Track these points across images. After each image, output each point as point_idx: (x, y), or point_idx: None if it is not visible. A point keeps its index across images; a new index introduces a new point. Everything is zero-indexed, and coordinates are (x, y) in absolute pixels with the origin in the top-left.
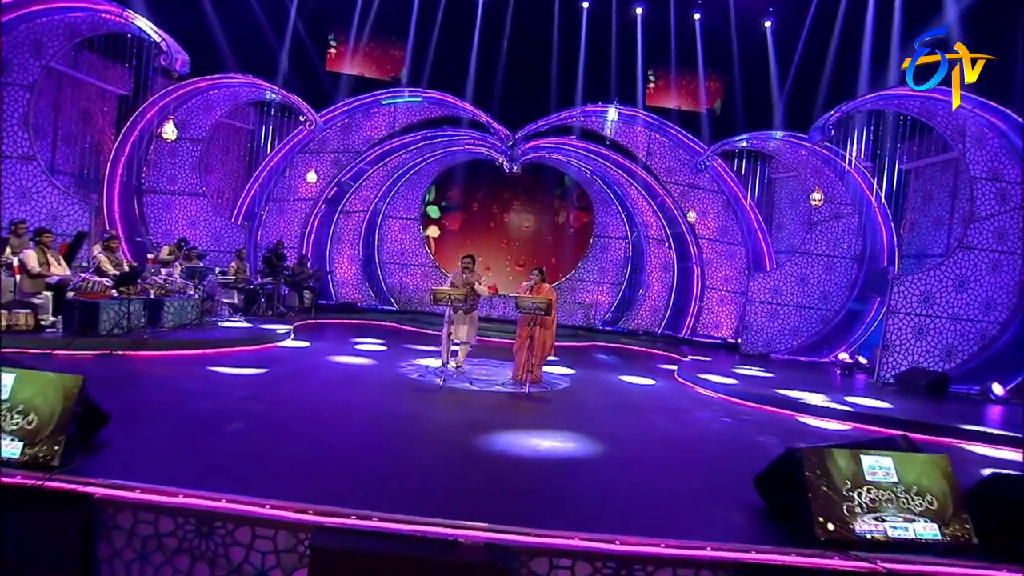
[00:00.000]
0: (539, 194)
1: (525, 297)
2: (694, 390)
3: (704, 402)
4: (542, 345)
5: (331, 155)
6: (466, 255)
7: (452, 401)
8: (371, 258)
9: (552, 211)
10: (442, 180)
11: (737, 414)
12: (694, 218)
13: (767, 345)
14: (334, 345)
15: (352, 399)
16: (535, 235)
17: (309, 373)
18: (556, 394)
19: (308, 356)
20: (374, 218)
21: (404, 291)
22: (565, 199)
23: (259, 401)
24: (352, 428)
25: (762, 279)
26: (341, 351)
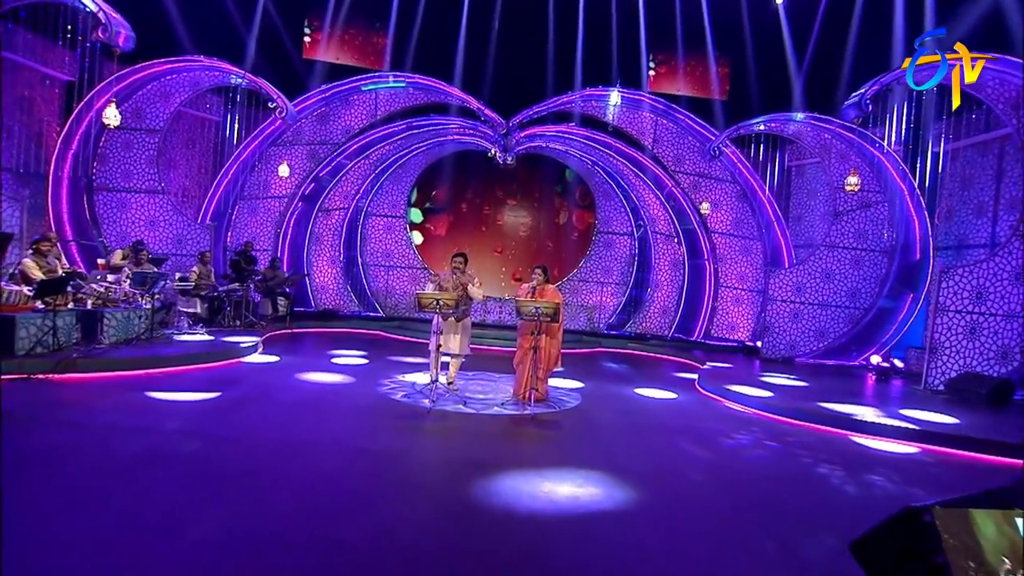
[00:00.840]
0: (537, 191)
1: (527, 301)
2: (723, 405)
3: (738, 420)
4: (547, 357)
5: (307, 147)
6: (457, 253)
7: (443, 430)
8: (353, 260)
9: (552, 210)
10: (429, 175)
11: (780, 435)
12: (708, 210)
13: (790, 348)
14: (308, 359)
15: (317, 432)
16: (532, 239)
17: (271, 396)
18: (566, 415)
19: (274, 374)
20: (356, 216)
21: (390, 296)
22: (566, 196)
23: (195, 439)
24: (309, 478)
25: (783, 276)
26: (315, 366)
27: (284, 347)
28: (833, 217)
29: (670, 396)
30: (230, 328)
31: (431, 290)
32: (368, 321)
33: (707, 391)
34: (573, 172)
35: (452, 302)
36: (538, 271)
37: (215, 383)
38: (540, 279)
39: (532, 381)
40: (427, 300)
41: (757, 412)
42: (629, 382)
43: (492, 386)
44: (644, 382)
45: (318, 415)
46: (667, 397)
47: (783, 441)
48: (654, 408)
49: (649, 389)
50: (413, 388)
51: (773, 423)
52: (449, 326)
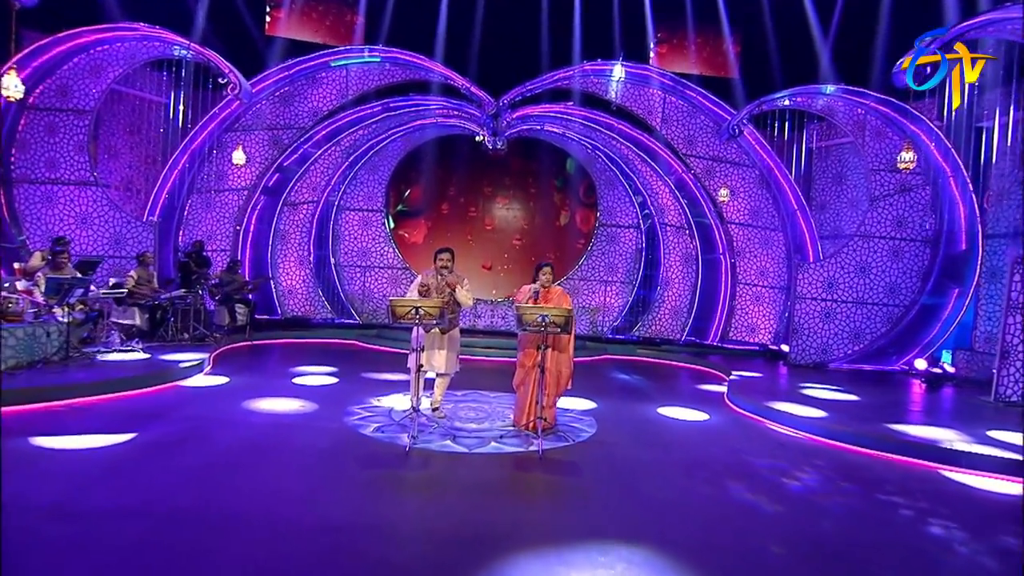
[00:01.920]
0: (533, 187)
1: (531, 308)
2: (766, 427)
3: (794, 450)
4: (557, 377)
5: (269, 133)
6: (442, 248)
7: (426, 484)
8: (324, 260)
9: (551, 209)
10: (409, 163)
11: (852, 471)
12: (726, 197)
13: (822, 352)
14: (264, 380)
15: (252, 496)
16: (529, 248)
17: (202, 437)
18: (582, 451)
19: (217, 402)
20: (327, 211)
21: (367, 300)
22: (568, 192)
23: (66, 515)
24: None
25: (812, 270)
26: (271, 389)
27: (238, 365)
28: (868, 203)
29: (701, 417)
30: (175, 343)
31: (413, 295)
32: (342, 330)
33: (742, 409)
34: (575, 162)
35: (436, 310)
36: (545, 269)
37: (134, 419)
38: (546, 279)
39: (537, 408)
40: (403, 309)
41: (812, 438)
42: (648, 399)
43: (486, 409)
44: (665, 398)
45: (259, 467)
46: (698, 419)
47: (860, 480)
48: (687, 435)
49: (674, 408)
50: (389, 417)
51: (836, 453)
52: (433, 339)
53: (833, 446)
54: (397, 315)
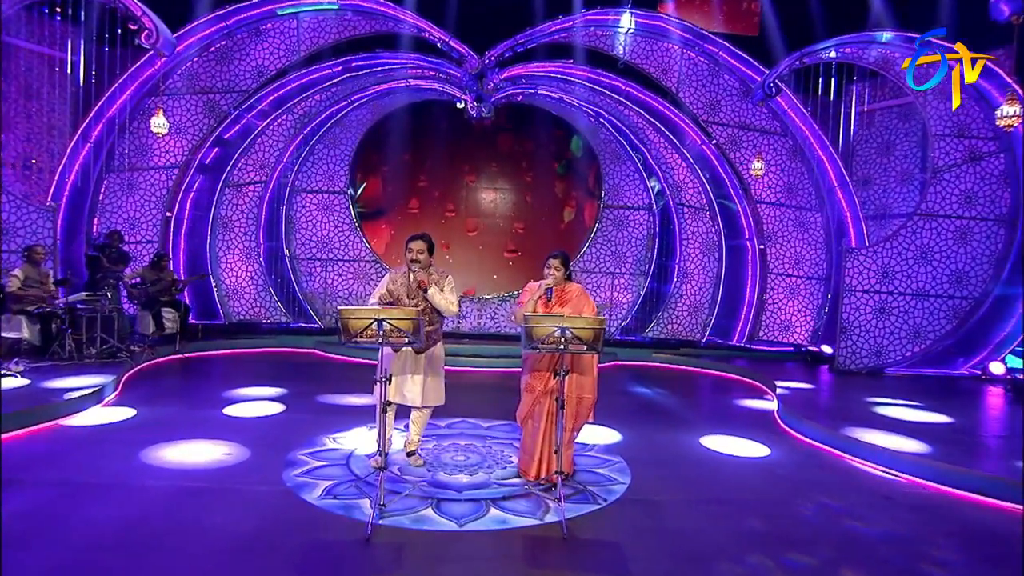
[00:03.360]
0: (528, 173)
1: (544, 317)
2: (849, 465)
3: (905, 507)
4: (577, 409)
5: (203, 98)
6: (415, 235)
7: None
8: (277, 253)
9: (552, 202)
10: (376, 137)
11: (1001, 539)
12: (761, 170)
13: (876, 355)
14: (186, 411)
15: None
16: (525, 257)
17: (64, 516)
18: (618, 517)
19: (107, 452)
20: (279, 193)
21: (330, 300)
22: (574, 180)
23: None
24: None
25: (863, 257)
26: (191, 427)
27: (156, 389)
28: (929, 176)
29: (758, 451)
30: (75, 362)
31: (376, 301)
32: (299, 336)
33: (808, 437)
34: (582, 142)
35: (407, 323)
36: (554, 262)
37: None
38: (559, 274)
39: (550, 454)
40: (360, 322)
41: (920, 483)
42: (682, 423)
43: (479, 449)
44: (703, 421)
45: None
46: (755, 454)
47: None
48: (751, 482)
49: (720, 437)
50: (347, 470)
51: (964, 509)
52: (405, 362)
53: (953, 496)
54: (351, 332)
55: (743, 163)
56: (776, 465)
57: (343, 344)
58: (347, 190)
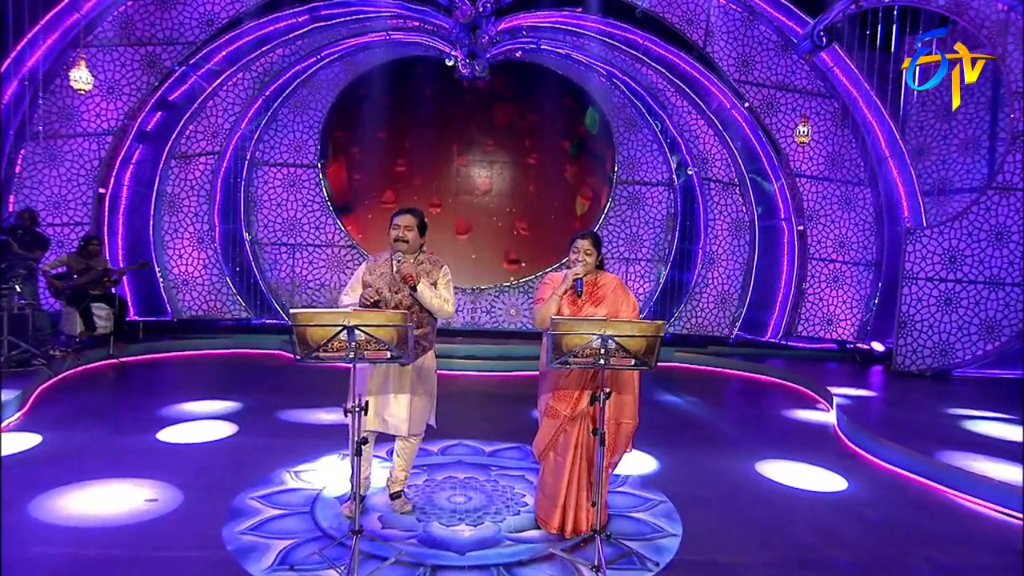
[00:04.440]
0: (532, 154)
1: (576, 323)
2: (955, 502)
3: None
4: (613, 437)
5: (140, 51)
6: (402, 209)
7: None
8: (235, 237)
9: (562, 190)
10: (351, 101)
11: None
12: (806, 136)
13: (940, 354)
14: (106, 435)
15: None
16: (529, 268)
17: None
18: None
19: None
20: (236, 166)
21: (299, 291)
22: (590, 162)
23: None
24: None
25: (926, 239)
26: (111, 459)
27: (75, 405)
28: (1008, 143)
29: (834, 484)
30: None
31: (350, 299)
32: (262, 335)
33: (889, 463)
34: (598, 115)
35: (390, 333)
36: (583, 243)
37: None
38: (591, 261)
39: (584, 505)
40: (322, 331)
41: None
42: (729, 443)
43: (483, 485)
44: (754, 440)
45: None
46: (831, 487)
47: None
48: (839, 532)
49: (780, 463)
50: (312, 522)
51: None
52: (386, 378)
53: None
54: (310, 344)
55: (780, 130)
56: (861, 504)
57: (300, 361)
58: (318, 163)
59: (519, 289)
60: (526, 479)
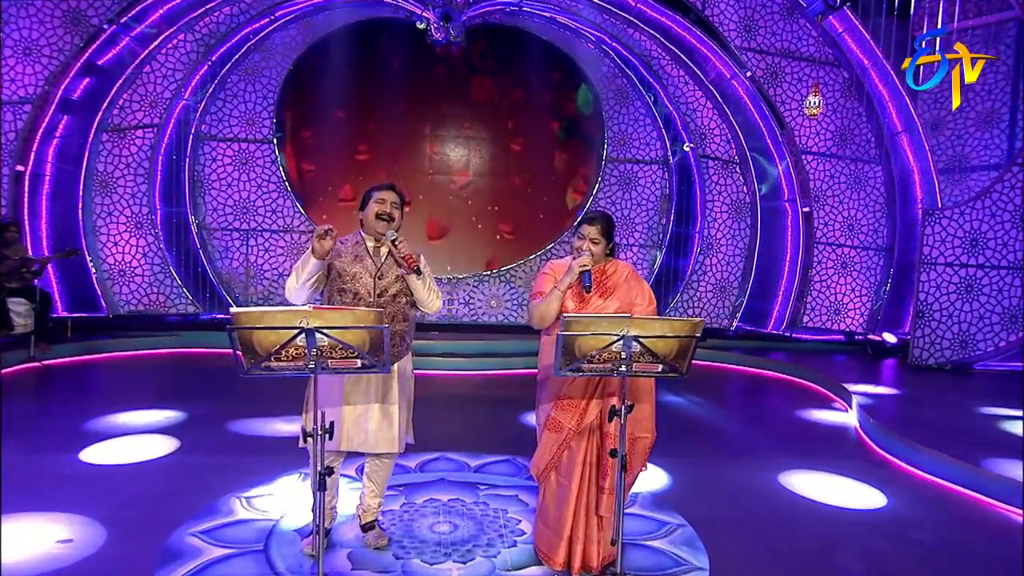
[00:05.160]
0: (516, 138)
1: (596, 320)
2: (1015, 521)
3: None
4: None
5: (61, 6)
6: (384, 185)
7: None
8: (180, 222)
9: (550, 179)
10: (309, 70)
11: None
12: (818, 107)
13: (960, 346)
14: (18, 456)
15: None
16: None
17: None
18: None
19: None
20: (179, 141)
21: (253, 283)
22: (581, 146)
23: None
24: None
25: (946, 221)
26: (20, 485)
27: None
28: None
29: (872, 499)
30: None
31: (299, 284)
32: (213, 332)
33: (929, 472)
34: (591, 94)
35: (363, 336)
36: (590, 229)
37: None
38: (599, 250)
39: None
40: (272, 336)
41: None
42: (745, 450)
43: (471, 508)
44: (772, 446)
45: None
46: (869, 503)
47: None
48: (885, 560)
49: (806, 474)
50: (266, 564)
51: None
52: (356, 386)
53: None
54: (257, 352)
55: (785, 101)
56: (907, 524)
57: (245, 374)
58: (273, 138)
59: (500, 278)
60: (520, 500)
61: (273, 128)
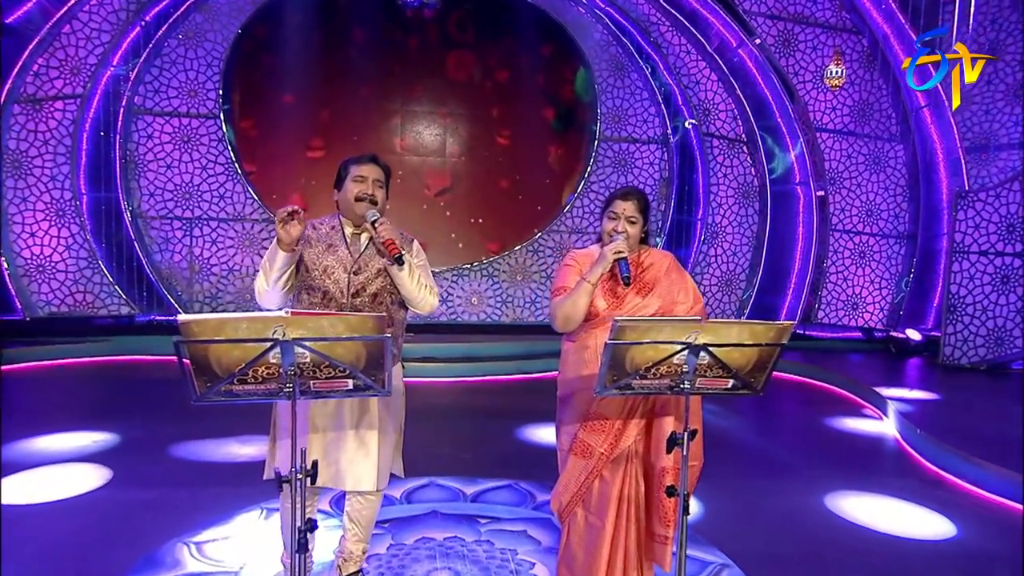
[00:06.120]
0: (503, 130)
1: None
2: None
3: None
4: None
5: None
6: (365, 157)
7: None
8: (110, 209)
9: (545, 181)
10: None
11: None
12: (840, 79)
13: (996, 344)
14: None
15: None
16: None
17: None
18: None
19: None
20: (108, 115)
21: (202, 279)
22: (580, 134)
23: None
24: None
25: (980, 205)
26: None
27: None
28: None
29: (938, 527)
30: None
31: (279, 293)
32: (152, 337)
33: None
34: (589, 77)
35: (355, 351)
36: (627, 205)
37: None
38: (635, 232)
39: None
40: (235, 353)
41: None
42: (781, 467)
43: (472, 550)
44: (810, 463)
45: None
46: (936, 532)
47: None
48: None
49: (854, 496)
50: None
51: None
52: (320, 411)
53: None
54: (216, 371)
55: (798, 73)
56: (989, 558)
57: (198, 401)
58: (220, 111)
59: (482, 272)
60: (531, 537)
61: (220, 101)
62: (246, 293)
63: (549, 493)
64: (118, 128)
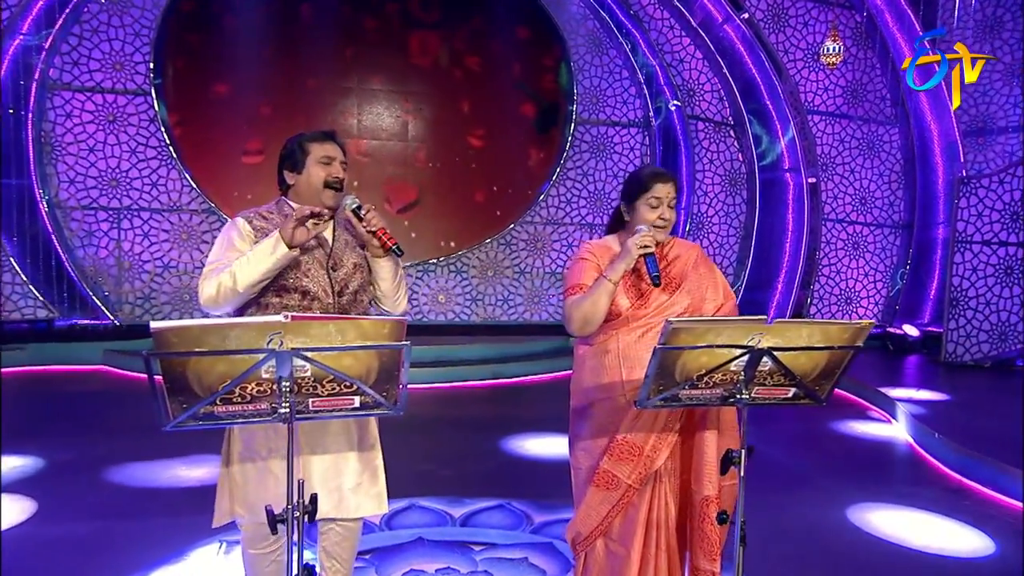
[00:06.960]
0: (478, 122)
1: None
2: None
3: None
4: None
5: None
6: (317, 135)
7: None
8: (24, 198)
9: (525, 190)
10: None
11: None
12: (837, 57)
13: (999, 339)
14: None
15: None
16: None
17: None
18: None
19: None
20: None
21: (133, 277)
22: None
23: None
24: None
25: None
26: None
27: None
28: None
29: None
30: None
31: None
32: (76, 343)
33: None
34: (564, 53)
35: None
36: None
37: None
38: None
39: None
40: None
41: None
42: (798, 480)
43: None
44: (822, 472)
45: None
46: (972, 548)
47: None
48: None
49: (878, 509)
50: None
51: None
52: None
53: None
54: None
55: (788, 51)
56: None
57: (175, 427)
58: (151, 87)
59: (449, 268)
60: (533, 566)
61: (151, 75)
62: (184, 293)
63: (546, 513)
64: (30, 105)
